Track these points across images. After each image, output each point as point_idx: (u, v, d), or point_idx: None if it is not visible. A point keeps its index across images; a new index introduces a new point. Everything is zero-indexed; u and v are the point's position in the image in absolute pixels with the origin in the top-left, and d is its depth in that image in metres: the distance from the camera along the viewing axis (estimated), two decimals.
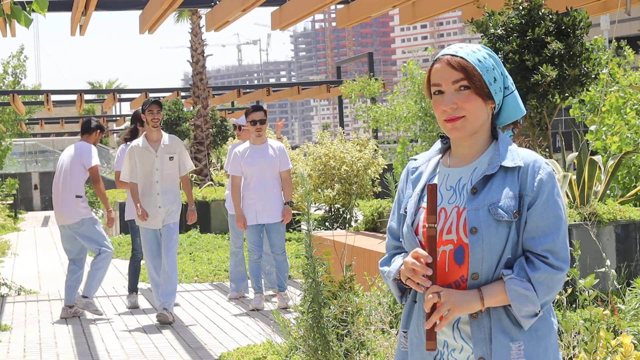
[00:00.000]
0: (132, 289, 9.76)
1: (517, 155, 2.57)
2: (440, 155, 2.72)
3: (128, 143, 9.50)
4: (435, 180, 2.67)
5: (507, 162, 2.55)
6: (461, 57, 2.58)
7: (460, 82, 2.56)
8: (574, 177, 7.67)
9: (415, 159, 2.78)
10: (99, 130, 9.42)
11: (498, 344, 2.51)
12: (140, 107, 8.89)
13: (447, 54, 2.60)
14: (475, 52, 2.61)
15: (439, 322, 2.52)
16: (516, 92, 2.66)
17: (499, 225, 2.51)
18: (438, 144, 2.74)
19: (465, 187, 2.59)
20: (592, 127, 11.01)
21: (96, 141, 9.48)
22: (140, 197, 8.69)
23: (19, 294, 10.84)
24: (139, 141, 8.72)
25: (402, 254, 2.70)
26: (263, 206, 8.99)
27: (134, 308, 9.64)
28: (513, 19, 8.08)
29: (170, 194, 8.70)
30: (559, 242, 2.52)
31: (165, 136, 8.77)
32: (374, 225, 10.48)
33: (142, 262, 10.16)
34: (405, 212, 2.69)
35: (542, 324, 2.56)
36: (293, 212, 9.89)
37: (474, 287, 2.52)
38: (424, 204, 2.64)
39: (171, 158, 8.69)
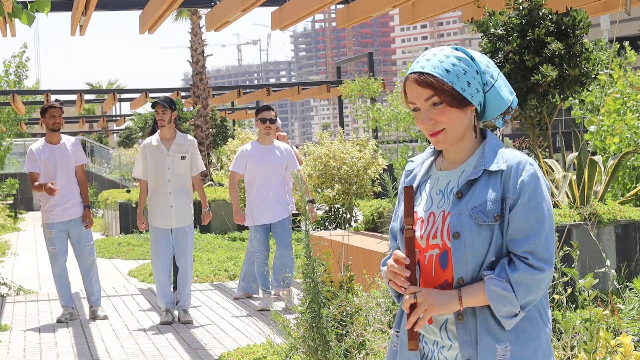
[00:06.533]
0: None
1: (502, 158, 2.56)
2: (434, 157, 2.73)
3: None
4: (428, 184, 2.68)
5: (492, 167, 2.55)
6: (427, 74, 2.55)
7: (431, 99, 2.55)
8: (574, 177, 7.67)
9: (412, 161, 2.80)
10: (42, 117, 9.08)
11: (484, 345, 2.51)
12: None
13: (414, 72, 2.58)
14: (442, 61, 2.56)
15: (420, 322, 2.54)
16: (499, 81, 2.62)
17: (481, 228, 2.52)
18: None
19: (453, 190, 2.60)
20: (592, 128, 11.01)
21: (47, 127, 9.02)
22: (152, 196, 8.66)
23: (18, 294, 10.83)
24: (152, 139, 8.71)
25: None
26: (268, 206, 9.00)
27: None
28: (513, 19, 8.08)
29: (182, 193, 8.66)
30: (540, 243, 2.50)
31: (180, 135, 8.74)
32: (374, 225, 10.48)
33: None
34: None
35: (530, 324, 2.55)
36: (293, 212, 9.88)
37: None
38: (414, 207, 2.67)
39: (183, 158, 8.66)
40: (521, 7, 8.14)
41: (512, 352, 2.51)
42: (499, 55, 7.99)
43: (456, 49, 2.62)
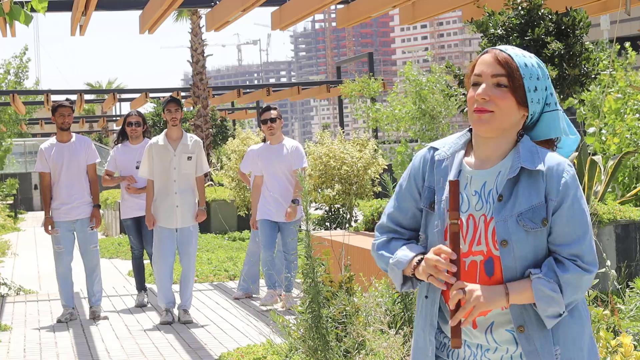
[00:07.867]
0: (139, 287, 9.74)
1: (539, 157, 2.54)
2: (464, 150, 2.66)
3: (119, 145, 9.89)
4: (461, 181, 2.62)
5: (528, 164, 2.52)
6: (510, 55, 2.57)
7: (499, 78, 2.54)
8: None
9: (436, 148, 2.68)
10: (52, 116, 9.10)
11: (546, 353, 2.52)
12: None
13: (497, 49, 2.60)
14: (525, 56, 2.59)
15: (464, 320, 2.50)
16: (560, 113, 2.62)
17: (528, 235, 2.50)
18: (464, 136, 2.68)
19: (491, 193, 2.56)
20: (591, 130, 11.00)
21: (57, 125, 9.05)
22: (157, 196, 8.64)
23: (18, 294, 10.83)
24: (159, 138, 8.71)
25: (410, 244, 2.64)
26: (277, 205, 8.99)
27: (141, 307, 9.62)
28: (513, 19, 8.08)
29: (188, 193, 8.65)
30: (586, 246, 2.51)
31: (187, 136, 8.74)
32: (374, 225, 10.47)
33: (145, 260, 10.15)
34: (432, 208, 2.62)
35: (575, 324, 2.56)
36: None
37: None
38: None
39: (189, 158, 8.66)
40: (521, 7, 8.14)
41: (562, 355, 2.53)
42: None
43: (538, 60, 2.63)
